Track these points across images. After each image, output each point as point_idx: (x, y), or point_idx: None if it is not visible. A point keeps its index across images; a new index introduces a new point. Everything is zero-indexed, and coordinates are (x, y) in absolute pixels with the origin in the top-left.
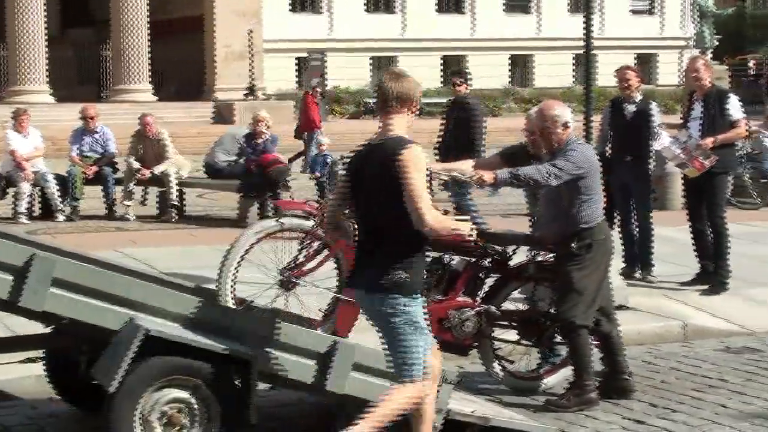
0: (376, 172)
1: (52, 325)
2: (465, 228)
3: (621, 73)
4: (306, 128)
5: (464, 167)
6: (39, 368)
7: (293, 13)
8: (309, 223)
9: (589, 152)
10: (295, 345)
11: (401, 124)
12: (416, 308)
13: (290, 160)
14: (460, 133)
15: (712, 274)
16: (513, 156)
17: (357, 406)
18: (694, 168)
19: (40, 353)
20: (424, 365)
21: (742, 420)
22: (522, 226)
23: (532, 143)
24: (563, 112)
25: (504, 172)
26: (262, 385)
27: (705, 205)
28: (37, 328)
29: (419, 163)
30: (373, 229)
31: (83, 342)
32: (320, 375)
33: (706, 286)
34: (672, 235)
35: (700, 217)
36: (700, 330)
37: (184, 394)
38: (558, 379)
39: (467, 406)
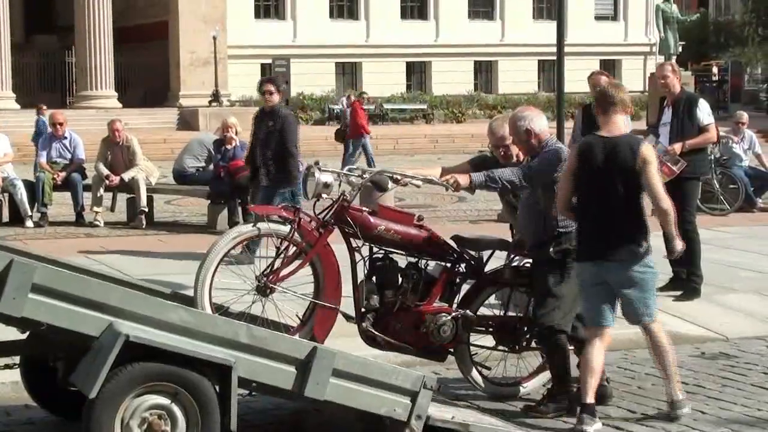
0: (617, 162)
1: (29, 331)
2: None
3: (594, 79)
4: (355, 134)
5: (435, 172)
6: (15, 375)
7: (257, 20)
8: (285, 229)
9: (565, 154)
10: (274, 351)
11: (622, 122)
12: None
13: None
14: (273, 145)
15: (685, 280)
16: (483, 162)
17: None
18: (664, 174)
19: (16, 359)
20: None
21: (720, 426)
22: (492, 231)
23: (503, 157)
24: (532, 117)
25: (479, 175)
26: (240, 392)
27: (676, 211)
28: (12, 334)
29: (653, 156)
30: (608, 209)
31: (60, 348)
32: (300, 381)
33: (678, 292)
34: None
35: None
36: (674, 336)
37: (164, 401)
38: (535, 385)
39: (447, 412)
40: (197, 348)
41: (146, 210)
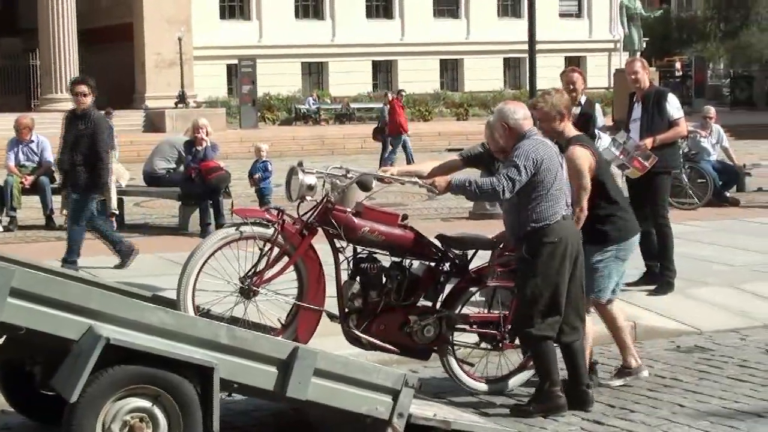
0: None
1: (6, 336)
2: None
3: (568, 76)
4: (393, 132)
5: (422, 169)
6: None
7: (223, 20)
8: (269, 231)
9: (542, 147)
10: (256, 352)
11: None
12: None
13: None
14: (83, 149)
15: (658, 274)
16: (476, 158)
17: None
18: (635, 169)
19: None
20: None
21: (699, 419)
22: (464, 229)
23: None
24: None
25: (459, 180)
26: (220, 393)
27: (649, 206)
28: None
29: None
30: None
31: (38, 352)
32: (282, 381)
33: (652, 287)
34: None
35: (645, 218)
36: (649, 330)
37: (145, 403)
38: (517, 382)
39: (428, 410)
40: (178, 350)
41: (116, 212)
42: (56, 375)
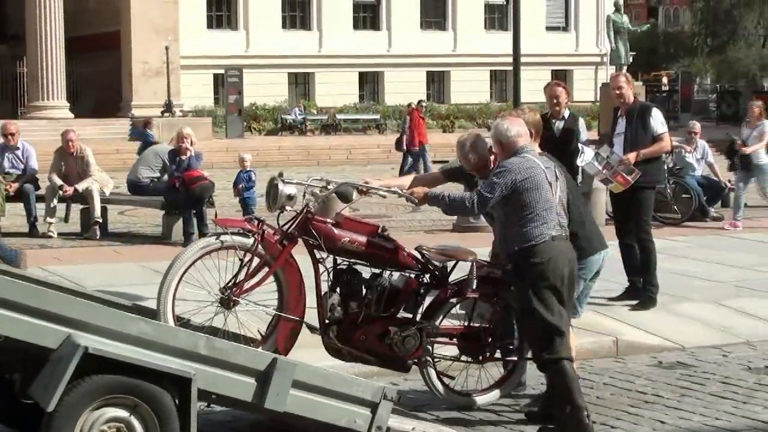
0: None
1: None
2: None
3: (552, 90)
4: (413, 143)
5: (404, 182)
6: None
7: (210, 30)
8: (249, 241)
9: (525, 166)
10: (234, 362)
11: None
12: None
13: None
14: None
15: (641, 289)
16: (456, 172)
17: None
18: (619, 183)
19: None
20: None
21: None
22: (448, 241)
23: (480, 174)
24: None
25: (436, 192)
26: (198, 404)
27: (632, 221)
28: None
29: None
30: None
31: (17, 360)
32: (260, 393)
33: (634, 302)
34: (611, 255)
35: (628, 232)
36: (631, 345)
37: (123, 413)
38: (494, 397)
39: (407, 423)
40: (156, 360)
41: (100, 221)
42: (34, 383)
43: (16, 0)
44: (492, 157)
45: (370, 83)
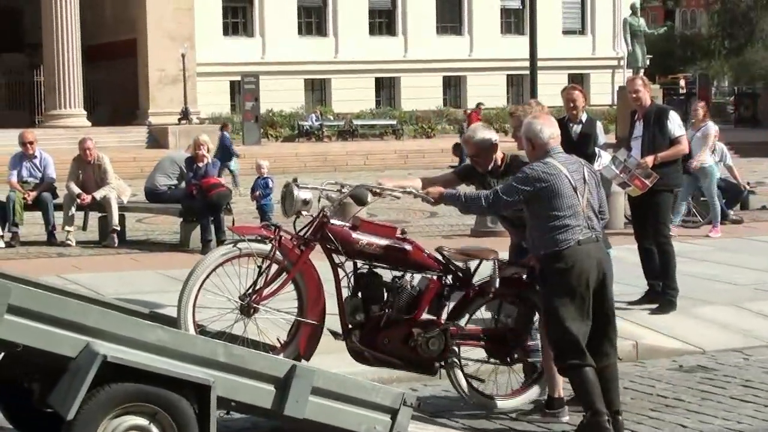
0: None
1: (4, 353)
2: None
3: (569, 93)
4: None
5: (417, 183)
6: None
7: (226, 37)
8: (267, 247)
9: (545, 173)
10: (253, 369)
11: None
12: None
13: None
14: None
15: (660, 293)
16: (468, 172)
17: None
18: (636, 187)
19: None
20: None
21: None
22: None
23: (477, 164)
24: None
25: (451, 191)
26: (217, 411)
27: (650, 224)
28: None
29: None
30: None
31: (36, 369)
32: (279, 400)
33: (654, 305)
34: (616, 255)
35: (647, 236)
36: (651, 349)
37: (142, 421)
38: (527, 399)
39: (427, 429)
40: (175, 368)
41: (118, 228)
42: (53, 392)
43: (34, 9)
44: (500, 156)
45: (386, 89)
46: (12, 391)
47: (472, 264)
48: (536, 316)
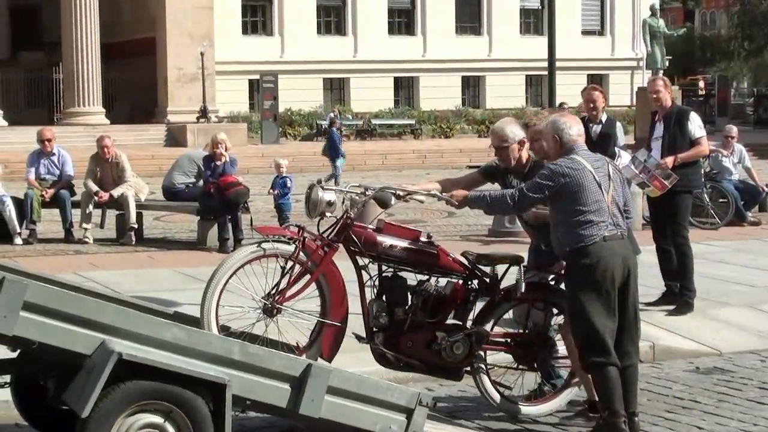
0: None
1: (20, 350)
2: None
3: (588, 94)
4: None
5: (440, 185)
6: (5, 393)
7: (245, 36)
8: (291, 248)
9: (574, 167)
10: (269, 368)
11: None
12: None
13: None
14: None
15: (677, 294)
16: (491, 171)
17: None
18: (655, 188)
19: (6, 378)
20: None
21: None
22: (486, 246)
23: (499, 157)
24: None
25: (475, 193)
26: (233, 410)
27: (668, 225)
28: (2, 352)
29: None
30: None
31: (51, 366)
32: (295, 399)
33: (671, 307)
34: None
35: (665, 236)
36: (668, 351)
37: (157, 419)
38: (556, 405)
39: (443, 429)
40: (191, 366)
41: (136, 226)
42: (68, 390)
43: (52, 8)
44: (525, 156)
45: (405, 88)
46: (27, 389)
47: (499, 269)
48: (557, 319)
